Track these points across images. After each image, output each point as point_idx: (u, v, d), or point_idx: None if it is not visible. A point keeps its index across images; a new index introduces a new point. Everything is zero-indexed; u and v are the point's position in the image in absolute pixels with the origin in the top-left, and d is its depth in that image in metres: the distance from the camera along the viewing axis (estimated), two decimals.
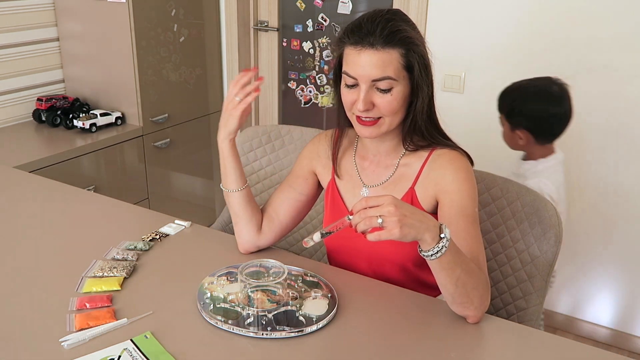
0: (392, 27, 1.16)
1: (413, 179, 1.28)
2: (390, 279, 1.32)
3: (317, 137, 1.45)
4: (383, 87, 1.18)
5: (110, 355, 1.04)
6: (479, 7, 2.40)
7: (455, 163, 1.25)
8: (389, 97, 1.18)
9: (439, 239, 1.02)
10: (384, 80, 1.17)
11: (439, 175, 1.25)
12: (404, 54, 1.17)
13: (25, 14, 2.70)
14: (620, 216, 2.34)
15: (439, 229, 1.03)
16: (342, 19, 2.95)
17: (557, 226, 1.41)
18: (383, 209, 0.99)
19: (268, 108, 3.35)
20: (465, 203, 1.21)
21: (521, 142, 1.85)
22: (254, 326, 1.11)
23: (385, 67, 1.16)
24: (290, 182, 1.44)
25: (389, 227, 0.98)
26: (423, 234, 1.01)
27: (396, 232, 0.98)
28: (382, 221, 0.98)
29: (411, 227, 0.99)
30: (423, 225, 1.01)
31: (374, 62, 1.16)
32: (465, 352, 1.08)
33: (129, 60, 2.69)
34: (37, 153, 2.39)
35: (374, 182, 1.33)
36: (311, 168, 1.43)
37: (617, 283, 2.43)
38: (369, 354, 1.07)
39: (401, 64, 1.17)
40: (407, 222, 0.99)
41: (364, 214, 1.00)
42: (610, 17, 2.17)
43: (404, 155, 1.30)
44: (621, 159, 2.28)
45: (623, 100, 2.22)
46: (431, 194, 1.26)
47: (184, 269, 1.34)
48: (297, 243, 1.90)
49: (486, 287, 1.15)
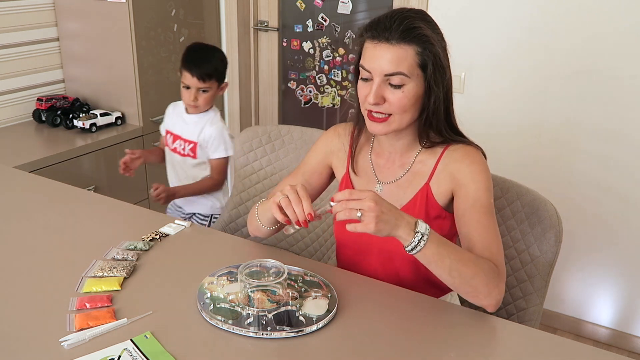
0: (409, 24, 1.18)
1: (428, 176, 1.29)
2: (400, 276, 1.33)
3: (332, 129, 1.46)
4: (395, 83, 1.19)
5: (110, 355, 1.04)
6: (479, 7, 2.40)
7: (470, 157, 1.26)
8: (400, 94, 1.19)
9: (414, 234, 1.08)
10: (396, 75, 1.18)
11: (455, 170, 1.26)
12: (420, 52, 1.18)
13: (25, 14, 2.70)
14: (621, 216, 2.34)
15: (414, 224, 1.09)
16: (342, 19, 2.95)
17: (557, 226, 1.41)
18: (364, 204, 1.06)
19: (268, 108, 3.35)
20: (480, 194, 1.22)
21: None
22: (254, 326, 1.11)
23: (399, 62, 1.17)
24: (307, 177, 1.44)
25: (365, 221, 1.06)
26: (396, 230, 1.08)
27: (372, 226, 1.05)
28: (360, 215, 1.06)
29: (386, 223, 1.07)
30: (397, 222, 1.08)
31: (388, 57, 1.17)
32: (465, 352, 1.08)
33: (129, 60, 2.69)
34: (37, 153, 2.39)
35: (388, 179, 1.34)
36: (327, 162, 1.44)
37: (617, 283, 2.43)
38: (368, 354, 1.07)
39: (416, 61, 1.18)
40: (383, 218, 1.06)
41: (345, 205, 1.07)
42: (610, 17, 2.17)
43: (419, 152, 1.31)
44: (622, 160, 2.28)
45: (623, 101, 2.22)
46: (447, 187, 1.27)
47: (184, 269, 1.34)
48: (297, 243, 1.90)
49: (492, 274, 1.15)
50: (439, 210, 1.29)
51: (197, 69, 2.04)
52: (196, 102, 2.08)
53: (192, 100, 2.08)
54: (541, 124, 2.40)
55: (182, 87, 2.10)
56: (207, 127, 2.11)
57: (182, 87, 2.10)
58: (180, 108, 2.19)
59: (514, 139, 2.46)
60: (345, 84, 3.06)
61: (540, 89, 2.36)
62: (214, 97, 2.14)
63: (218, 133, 2.11)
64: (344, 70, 3.04)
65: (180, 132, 2.16)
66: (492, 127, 2.49)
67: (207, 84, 2.07)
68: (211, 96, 2.11)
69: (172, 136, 2.18)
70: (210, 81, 2.07)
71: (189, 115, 2.15)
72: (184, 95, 2.10)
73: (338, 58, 3.03)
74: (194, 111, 2.13)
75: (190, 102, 2.09)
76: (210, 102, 2.13)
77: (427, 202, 1.29)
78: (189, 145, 2.14)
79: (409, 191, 1.31)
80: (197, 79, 2.04)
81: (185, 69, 2.06)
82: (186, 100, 2.11)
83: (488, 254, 1.18)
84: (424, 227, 1.10)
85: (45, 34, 2.81)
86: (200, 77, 2.04)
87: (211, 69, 2.06)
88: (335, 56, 3.03)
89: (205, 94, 2.09)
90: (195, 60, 2.07)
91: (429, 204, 1.29)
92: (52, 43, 2.85)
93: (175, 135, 2.17)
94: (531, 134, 2.43)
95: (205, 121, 2.12)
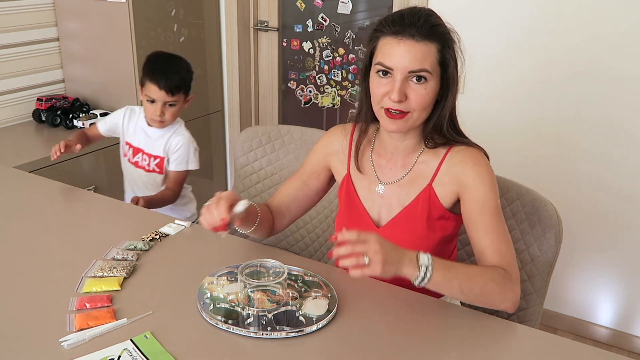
0: (434, 21, 1.19)
1: (430, 177, 1.29)
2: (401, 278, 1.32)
3: (331, 131, 1.46)
4: (418, 80, 1.19)
5: (110, 355, 1.04)
6: (479, 7, 2.40)
7: (474, 158, 1.26)
8: (423, 91, 1.19)
9: (419, 269, 1.09)
10: (420, 72, 1.18)
11: (459, 172, 1.26)
12: (440, 49, 1.19)
13: (25, 14, 2.70)
14: (621, 216, 2.34)
15: (416, 259, 1.10)
16: (342, 19, 2.95)
17: (557, 226, 1.41)
18: (370, 247, 1.06)
19: (268, 108, 3.35)
20: (487, 196, 1.23)
21: None
22: (254, 326, 1.11)
23: (423, 59, 1.18)
24: (304, 179, 1.45)
25: (373, 266, 1.06)
26: (401, 269, 1.09)
27: (378, 269, 1.06)
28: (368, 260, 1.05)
29: (391, 265, 1.07)
30: (401, 261, 1.09)
31: (412, 54, 1.17)
32: (465, 352, 1.08)
33: (129, 60, 2.69)
34: (37, 153, 2.39)
35: (390, 180, 1.34)
36: (326, 163, 1.44)
37: (618, 283, 2.43)
38: (368, 354, 1.07)
39: (437, 59, 1.19)
40: (388, 260, 1.07)
41: (351, 248, 1.06)
42: (610, 17, 2.17)
43: (422, 153, 1.31)
44: (622, 160, 2.28)
45: (623, 100, 2.22)
46: (451, 190, 1.27)
47: (184, 269, 1.34)
48: (297, 243, 1.90)
49: (502, 280, 1.16)
50: (442, 211, 1.29)
51: (164, 80, 1.87)
52: (162, 117, 1.93)
53: (159, 116, 1.92)
54: (541, 124, 2.40)
55: (146, 100, 1.93)
56: (173, 138, 1.99)
57: (146, 101, 1.93)
58: (139, 117, 2.03)
59: (513, 139, 2.46)
60: (345, 84, 3.06)
61: (540, 89, 2.36)
62: (180, 110, 1.99)
63: (184, 145, 1.99)
64: (344, 70, 3.04)
65: (143, 146, 2.01)
66: (492, 127, 2.49)
67: (175, 97, 1.91)
68: (178, 110, 1.96)
69: (132, 149, 2.03)
70: (178, 94, 1.92)
71: (152, 129, 2.00)
72: (148, 110, 1.93)
73: (338, 58, 3.03)
74: (159, 126, 1.97)
75: (156, 117, 1.93)
76: (176, 116, 1.99)
77: (430, 203, 1.29)
78: (154, 160, 2.01)
79: (411, 192, 1.31)
80: (165, 92, 1.88)
81: (150, 80, 1.89)
82: (150, 114, 1.94)
83: (498, 258, 1.19)
84: (426, 259, 1.11)
85: (45, 34, 2.81)
86: (168, 90, 1.88)
87: (179, 80, 1.91)
88: (335, 56, 3.03)
89: (172, 108, 1.93)
90: (161, 71, 1.89)
91: (432, 205, 1.29)
92: (52, 43, 2.85)
93: (136, 148, 2.03)
94: (531, 133, 2.43)
95: (170, 133, 2.00)
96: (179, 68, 1.93)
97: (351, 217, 1.38)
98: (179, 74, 1.92)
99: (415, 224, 1.30)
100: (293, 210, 1.46)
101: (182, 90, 1.93)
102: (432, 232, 1.30)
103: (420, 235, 1.30)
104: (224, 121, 3.32)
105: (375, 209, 1.35)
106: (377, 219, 1.35)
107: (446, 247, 1.35)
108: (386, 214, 1.34)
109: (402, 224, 1.31)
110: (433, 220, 1.29)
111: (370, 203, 1.36)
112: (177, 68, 1.93)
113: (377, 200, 1.35)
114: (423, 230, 1.29)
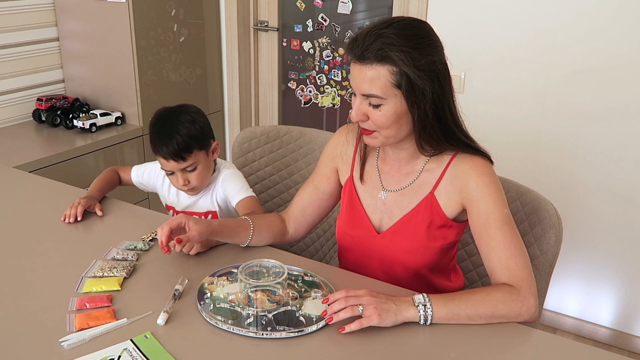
0: (383, 43, 1.12)
1: (433, 185, 1.28)
2: (401, 283, 1.32)
3: (337, 132, 1.46)
4: (373, 103, 1.18)
5: (110, 355, 1.04)
6: (479, 7, 2.40)
7: (477, 169, 1.24)
8: (378, 113, 1.18)
9: (417, 308, 1.12)
10: (371, 97, 1.17)
11: (463, 183, 1.24)
12: (395, 71, 1.13)
13: (25, 14, 2.70)
14: (621, 216, 2.34)
15: (412, 301, 1.13)
16: (342, 19, 2.95)
17: (557, 226, 1.41)
18: (362, 299, 1.10)
19: (268, 108, 3.35)
20: (492, 208, 1.21)
21: None
22: (254, 326, 1.11)
23: (372, 83, 1.15)
24: (316, 183, 1.45)
25: (368, 314, 1.09)
26: (400, 314, 1.11)
27: (375, 317, 1.09)
28: (362, 309, 1.09)
29: (388, 312, 1.10)
30: (398, 307, 1.11)
31: (362, 77, 1.16)
32: (465, 352, 1.08)
33: (129, 60, 2.69)
34: (37, 153, 2.39)
35: (393, 187, 1.33)
36: (334, 165, 1.44)
37: (618, 283, 2.43)
38: (368, 354, 1.07)
39: (390, 81, 1.14)
40: (383, 307, 1.10)
41: (344, 302, 1.10)
42: (610, 17, 2.17)
43: (428, 161, 1.29)
44: (622, 160, 2.28)
45: (624, 100, 2.22)
46: (456, 200, 1.26)
47: (184, 269, 1.34)
48: (297, 243, 1.90)
49: (510, 297, 1.15)
50: (444, 220, 1.28)
51: (166, 148, 1.55)
52: (190, 185, 1.61)
53: (184, 185, 1.61)
54: (541, 124, 2.40)
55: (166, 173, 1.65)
56: (219, 184, 1.68)
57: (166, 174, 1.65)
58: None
59: (514, 139, 2.46)
60: (345, 84, 3.06)
61: (540, 89, 2.36)
62: (211, 165, 1.65)
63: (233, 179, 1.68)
64: (344, 70, 3.04)
65: (189, 209, 1.72)
66: (492, 127, 2.49)
67: (189, 161, 1.57)
68: (205, 168, 1.61)
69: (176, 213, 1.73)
70: (190, 155, 1.57)
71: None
72: (172, 182, 1.65)
73: (338, 58, 3.03)
74: (194, 193, 1.67)
75: (182, 187, 1.62)
76: (206, 175, 1.64)
77: (432, 211, 1.28)
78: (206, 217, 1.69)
79: (413, 200, 1.30)
80: (174, 162, 1.56)
81: (155, 153, 1.59)
82: (176, 187, 1.65)
83: (508, 275, 1.18)
84: (421, 297, 1.13)
85: (45, 34, 2.82)
86: (176, 157, 1.55)
87: (184, 141, 1.55)
88: (335, 56, 3.03)
89: (195, 172, 1.60)
90: (159, 138, 1.57)
91: (434, 213, 1.28)
92: (52, 43, 2.85)
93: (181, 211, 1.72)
94: (531, 133, 2.43)
95: (212, 186, 1.69)
96: (179, 126, 1.57)
97: (353, 220, 1.38)
98: (180, 133, 1.56)
99: (416, 231, 1.29)
100: (309, 215, 1.46)
101: (194, 148, 1.58)
102: (433, 241, 1.29)
103: (421, 243, 1.29)
104: (224, 121, 3.33)
105: (377, 215, 1.35)
106: (379, 225, 1.35)
107: (447, 254, 1.35)
108: (387, 221, 1.33)
109: (402, 231, 1.31)
110: (434, 229, 1.28)
111: (372, 209, 1.35)
112: (178, 127, 1.57)
113: (379, 207, 1.34)
114: (423, 238, 1.29)
